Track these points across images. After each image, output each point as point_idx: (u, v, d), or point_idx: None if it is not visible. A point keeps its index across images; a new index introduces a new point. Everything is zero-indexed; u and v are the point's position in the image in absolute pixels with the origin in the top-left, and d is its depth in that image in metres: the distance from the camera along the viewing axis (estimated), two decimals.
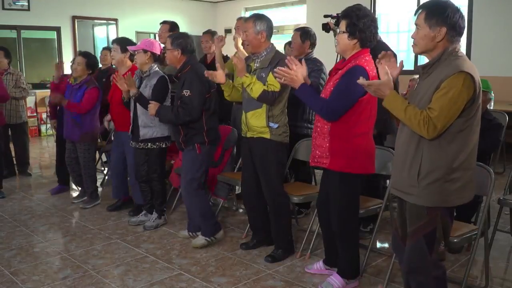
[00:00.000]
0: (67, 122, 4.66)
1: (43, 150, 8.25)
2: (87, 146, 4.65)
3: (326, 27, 4.42)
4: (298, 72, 2.82)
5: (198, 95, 3.52)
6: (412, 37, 2.23)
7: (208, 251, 3.65)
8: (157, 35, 5.56)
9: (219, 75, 3.39)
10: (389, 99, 2.21)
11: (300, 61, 4.08)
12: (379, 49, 3.20)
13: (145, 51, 3.93)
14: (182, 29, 5.02)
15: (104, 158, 6.28)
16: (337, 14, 3.17)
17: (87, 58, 4.61)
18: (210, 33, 4.78)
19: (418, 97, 2.21)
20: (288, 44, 4.91)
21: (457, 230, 2.78)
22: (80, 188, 5.03)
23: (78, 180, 4.89)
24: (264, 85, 3.23)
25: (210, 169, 3.89)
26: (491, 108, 5.50)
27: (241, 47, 3.59)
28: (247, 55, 3.56)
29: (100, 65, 5.43)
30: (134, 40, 6.14)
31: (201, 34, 4.93)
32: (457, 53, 2.15)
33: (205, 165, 3.72)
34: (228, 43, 4.22)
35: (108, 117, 4.74)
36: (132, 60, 4.34)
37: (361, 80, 2.30)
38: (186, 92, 3.52)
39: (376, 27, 2.80)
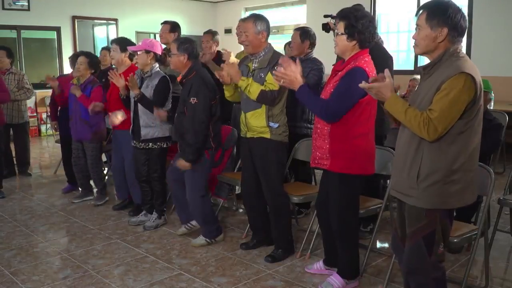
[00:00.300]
0: (75, 123, 4.66)
1: (43, 150, 8.25)
2: (95, 145, 4.67)
3: (326, 27, 4.41)
4: (297, 73, 2.76)
5: (204, 102, 3.49)
6: (413, 38, 2.22)
7: (208, 251, 3.65)
8: (157, 35, 5.55)
9: (234, 73, 3.29)
10: (390, 102, 2.20)
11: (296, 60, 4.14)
12: (376, 52, 3.21)
13: (147, 52, 3.91)
14: (182, 29, 5.02)
15: (104, 158, 6.27)
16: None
17: (89, 57, 4.62)
18: (211, 33, 4.78)
19: (419, 98, 2.20)
20: (288, 44, 4.91)
21: (457, 230, 2.77)
22: (81, 190, 5.03)
23: (84, 181, 4.90)
24: (263, 85, 3.23)
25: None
26: (491, 108, 5.50)
27: (234, 59, 3.59)
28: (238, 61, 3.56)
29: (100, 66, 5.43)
30: (134, 40, 6.13)
31: (201, 34, 4.93)
32: (459, 54, 2.14)
33: (210, 170, 3.74)
34: (228, 43, 4.23)
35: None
36: (131, 59, 4.34)
37: (363, 84, 2.29)
38: (193, 100, 3.49)
39: (374, 27, 2.79)
